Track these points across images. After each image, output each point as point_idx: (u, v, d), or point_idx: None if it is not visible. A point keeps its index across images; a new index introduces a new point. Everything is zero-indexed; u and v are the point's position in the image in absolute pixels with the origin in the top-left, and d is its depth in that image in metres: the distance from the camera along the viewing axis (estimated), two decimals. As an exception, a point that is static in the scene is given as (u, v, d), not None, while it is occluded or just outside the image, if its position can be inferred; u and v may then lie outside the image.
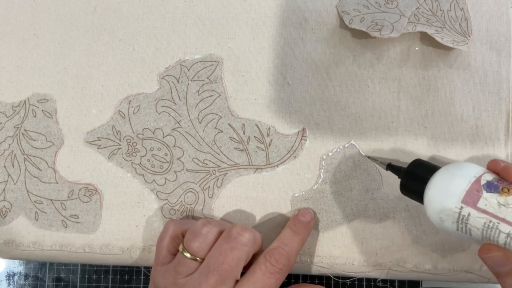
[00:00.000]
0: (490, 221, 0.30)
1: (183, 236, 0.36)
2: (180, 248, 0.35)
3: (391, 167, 0.37)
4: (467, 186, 0.31)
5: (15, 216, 0.41)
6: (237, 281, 0.34)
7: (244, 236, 0.35)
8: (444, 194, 0.32)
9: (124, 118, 0.41)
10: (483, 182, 0.31)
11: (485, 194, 0.31)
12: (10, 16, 0.42)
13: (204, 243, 0.35)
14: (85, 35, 0.42)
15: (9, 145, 0.41)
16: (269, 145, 0.40)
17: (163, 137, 0.40)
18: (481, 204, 0.31)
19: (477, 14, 0.41)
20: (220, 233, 0.35)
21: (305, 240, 0.38)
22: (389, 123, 0.40)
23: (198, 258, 0.34)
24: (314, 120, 0.40)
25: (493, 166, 0.33)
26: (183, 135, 0.40)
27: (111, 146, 0.41)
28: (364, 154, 0.39)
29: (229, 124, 0.40)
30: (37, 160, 0.41)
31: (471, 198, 0.31)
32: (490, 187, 0.31)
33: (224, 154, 0.40)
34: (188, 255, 0.35)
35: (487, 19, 0.41)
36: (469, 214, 0.31)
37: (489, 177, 0.32)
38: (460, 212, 0.31)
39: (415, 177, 0.34)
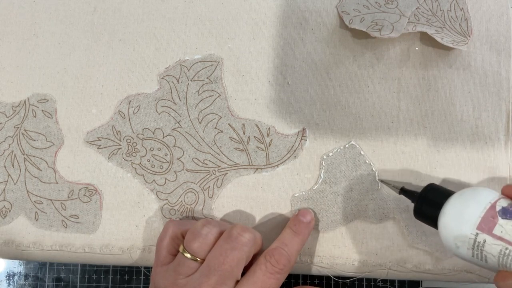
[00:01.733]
0: (506, 248, 0.30)
1: (183, 237, 0.36)
2: (180, 248, 0.35)
3: (404, 191, 0.37)
4: (482, 212, 0.31)
5: (15, 216, 0.41)
6: (237, 281, 0.34)
7: (244, 236, 0.35)
8: (459, 220, 0.32)
9: (124, 118, 0.41)
10: (498, 208, 0.31)
11: (500, 221, 0.31)
12: (10, 16, 0.42)
13: (204, 244, 0.35)
14: (85, 35, 0.42)
15: (9, 145, 0.41)
16: (269, 145, 0.40)
17: (163, 137, 0.40)
18: (496, 230, 0.30)
19: (477, 14, 0.41)
20: (220, 234, 0.36)
21: (305, 240, 0.38)
22: (389, 123, 0.40)
23: (198, 259, 0.34)
24: (314, 120, 0.40)
25: (508, 192, 0.33)
26: (183, 135, 0.40)
27: (111, 146, 0.41)
28: (377, 178, 0.39)
29: (229, 124, 0.40)
30: (37, 160, 0.41)
31: (486, 224, 0.31)
32: (506, 213, 0.31)
33: (224, 154, 0.40)
34: (188, 255, 0.35)
35: (487, 19, 0.41)
36: (484, 241, 0.31)
37: (504, 203, 0.32)
38: (476, 238, 0.31)
39: (429, 202, 0.34)
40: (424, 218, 0.35)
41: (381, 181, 0.39)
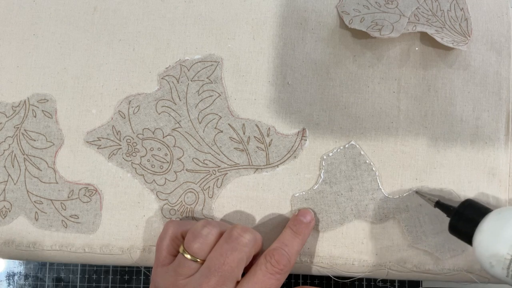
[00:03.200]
0: None
1: (183, 237, 0.36)
2: (181, 249, 0.35)
3: (439, 205, 0.37)
4: None
5: (15, 216, 0.41)
6: (237, 282, 0.34)
7: (244, 237, 0.35)
8: (495, 239, 0.32)
9: (124, 118, 0.41)
10: None
11: None
12: (10, 16, 0.42)
13: (205, 244, 0.35)
14: (85, 35, 0.42)
15: (9, 145, 0.41)
16: (269, 145, 0.40)
17: (163, 137, 0.40)
18: None
19: (477, 14, 0.41)
20: (220, 234, 0.36)
21: (305, 240, 0.38)
22: (389, 123, 0.40)
23: (198, 259, 0.34)
24: (314, 120, 0.40)
25: None
26: (183, 135, 0.40)
27: (111, 146, 0.41)
28: (414, 190, 0.39)
29: (229, 124, 0.40)
30: (37, 160, 0.41)
31: None
32: None
33: (224, 154, 0.40)
34: (188, 256, 0.35)
35: (487, 19, 0.41)
36: None
37: None
38: None
39: (466, 218, 0.34)
40: (459, 234, 0.35)
41: (416, 192, 0.39)
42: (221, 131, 0.40)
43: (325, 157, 0.40)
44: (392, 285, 0.49)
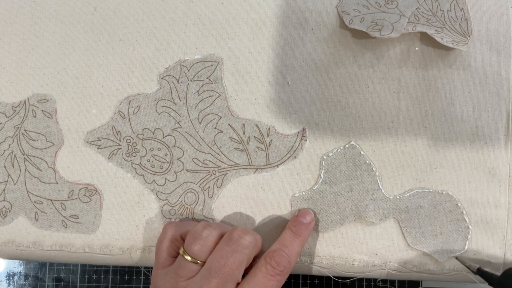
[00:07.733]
0: None
1: (182, 239, 0.36)
2: (181, 251, 0.35)
3: (481, 272, 0.37)
4: None
5: (15, 216, 0.41)
6: (238, 284, 0.34)
7: (245, 239, 0.35)
8: None
9: (124, 118, 0.41)
10: None
11: None
12: (10, 16, 0.42)
13: (205, 246, 0.35)
14: (85, 35, 0.42)
15: (9, 145, 0.41)
16: (269, 145, 0.40)
17: (163, 137, 0.40)
18: None
19: (477, 14, 0.41)
20: (221, 236, 0.36)
21: (305, 241, 0.38)
22: (389, 123, 0.40)
23: (199, 261, 0.34)
24: (314, 120, 0.40)
25: None
26: (183, 135, 0.40)
27: (111, 146, 0.41)
28: (453, 255, 0.39)
29: (229, 124, 0.40)
30: (37, 160, 0.41)
31: None
32: None
33: (224, 154, 0.40)
34: (188, 258, 0.35)
35: (487, 19, 0.41)
36: None
37: None
38: None
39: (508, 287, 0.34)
40: None
41: (456, 258, 0.39)
42: (221, 131, 0.40)
43: (325, 157, 0.40)
44: (392, 285, 0.49)
